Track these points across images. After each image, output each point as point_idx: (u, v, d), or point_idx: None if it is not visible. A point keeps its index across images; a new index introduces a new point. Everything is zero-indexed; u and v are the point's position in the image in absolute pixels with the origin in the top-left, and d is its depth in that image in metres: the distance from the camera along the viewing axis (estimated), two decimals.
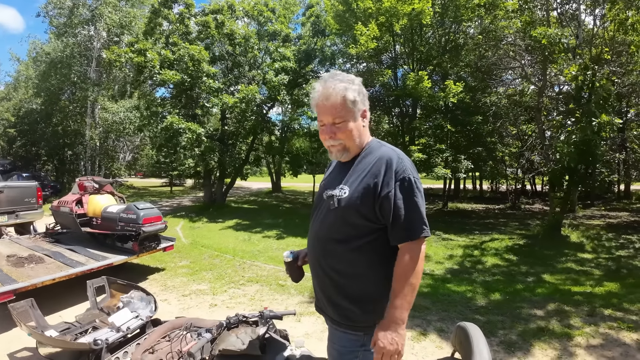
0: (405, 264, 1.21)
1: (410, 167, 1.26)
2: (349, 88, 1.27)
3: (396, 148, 1.33)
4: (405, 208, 1.21)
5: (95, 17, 19.18)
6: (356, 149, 1.35)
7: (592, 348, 3.22)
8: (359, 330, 1.31)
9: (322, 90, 1.30)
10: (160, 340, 1.92)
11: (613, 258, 6.96)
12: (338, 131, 1.30)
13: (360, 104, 1.31)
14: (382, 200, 1.22)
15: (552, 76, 9.82)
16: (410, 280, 1.20)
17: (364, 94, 1.33)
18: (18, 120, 22.84)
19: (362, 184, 1.25)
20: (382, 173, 1.23)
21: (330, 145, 1.35)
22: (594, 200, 17.01)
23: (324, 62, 15.21)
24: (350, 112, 1.29)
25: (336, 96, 1.27)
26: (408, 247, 1.22)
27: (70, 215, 5.30)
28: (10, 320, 2.85)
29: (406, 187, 1.22)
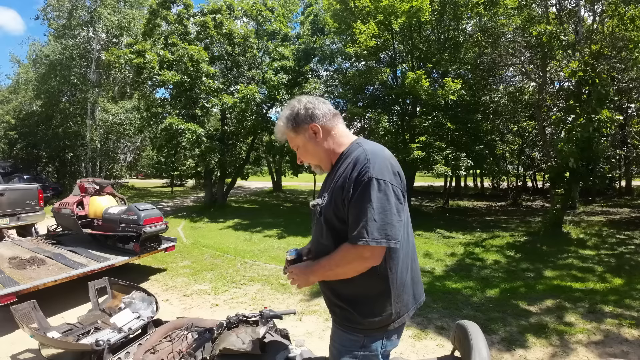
0: (337, 255, 1.22)
1: (375, 168, 1.18)
2: (287, 119, 1.37)
3: (374, 147, 1.28)
4: (355, 211, 1.17)
5: (94, 18, 19.19)
6: (327, 160, 1.38)
7: (593, 345, 3.22)
8: (359, 332, 1.30)
9: (275, 130, 1.46)
10: (161, 341, 1.93)
11: (614, 254, 6.95)
12: (301, 156, 1.43)
13: (302, 123, 1.35)
14: (345, 200, 1.21)
15: (552, 73, 9.79)
16: (332, 267, 1.25)
17: (306, 111, 1.35)
18: (18, 123, 22.86)
19: (335, 190, 1.26)
20: (348, 176, 1.21)
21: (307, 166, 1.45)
22: (595, 197, 16.99)
23: (323, 61, 15.21)
24: (296, 138, 1.38)
25: (282, 134, 1.40)
26: (346, 246, 1.19)
27: (72, 217, 5.31)
28: (12, 322, 2.86)
29: (361, 189, 1.17)
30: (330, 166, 1.38)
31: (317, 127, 1.34)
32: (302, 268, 1.36)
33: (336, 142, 1.36)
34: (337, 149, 1.35)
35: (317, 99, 1.39)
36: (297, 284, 1.38)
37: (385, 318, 1.29)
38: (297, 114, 1.35)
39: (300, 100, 1.37)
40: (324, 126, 1.35)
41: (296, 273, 1.37)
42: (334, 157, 1.36)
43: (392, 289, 1.28)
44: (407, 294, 1.35)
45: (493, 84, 12.88)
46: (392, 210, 1.16)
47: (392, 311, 1.29)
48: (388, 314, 1.29)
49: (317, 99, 1.40)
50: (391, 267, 1.26)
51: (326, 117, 1.35)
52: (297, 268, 1.38)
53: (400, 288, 1.31)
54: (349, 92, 13.58)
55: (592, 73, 7.39)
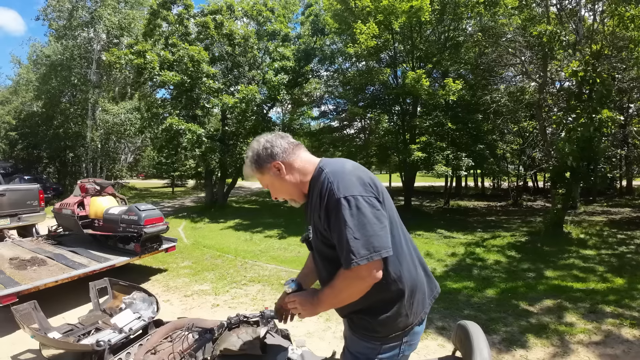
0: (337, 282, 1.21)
1: (340, 187, 1.16)
2: (249, 162, 1.39)
3: (335, 166, 1.27)
4: (337, 237, 1.16)
5: (95, 19, 19.20)
6: (297, 193, 1.38)
7: (594, 345, 3.22)
8: (377, 340, 1.30)
9: (243, 172, 1.47)
10: (162, 341, 1.92)
11: (615, 254, 6.94)
12: (272, 192, 1.43)
13: (264, 163, 1.35)
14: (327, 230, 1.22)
15: (553, 72, 9.78)
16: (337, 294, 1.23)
17: (265, 150, 1.34)
18: (19, 123, 22.89)
19: (315, 221, 1.28)
20: (319, 205, 1.22)
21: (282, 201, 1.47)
22: (596, 197, 16.97)
23: (323, 61, 15.22)
24: (262, 177, 1.38)
25: (250, 176, 1.42)
26: (342, 272, 1.18)
27: (72, 217, 5.32)
28: (13, 323, 2.87)
29: (333, 214, 1.16)
30: (304, 196, 1.38)
31: (278, 164, 1.33)
32: (306, 298, 1.32)
33: (302, 172, 1.34)
34: (304, 178, 1.34)
35: (275, 136, 1.37)
36: (301, 315, 1.35)
37: (402, 321, 1.28)
38: (258, 155, 1.35)
39: (259, 141, 1.37)
40: (285, 161, 1.33)
41: (299, 303, 1.33)
42: (304, 187, 1.35)
43: (406, 290, 1.28)
44: (421, 291, 1.35)
45: (493, 84, 12.87)
46: (372, 221, 1.14)
47: (407, 313, 1.29)
48: (405, 316, 1.29)
49: (276, 135, 1.38)
50: (397, 270, 1.25)
51: (286, 152, 1.34)
52: (299, 298, 1.34)
53: (413, 287, 1.31)
54: (350, 92, 13.59)
55: (592, 73, 7.38)
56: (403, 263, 1.28)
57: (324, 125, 18.43)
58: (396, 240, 1.26)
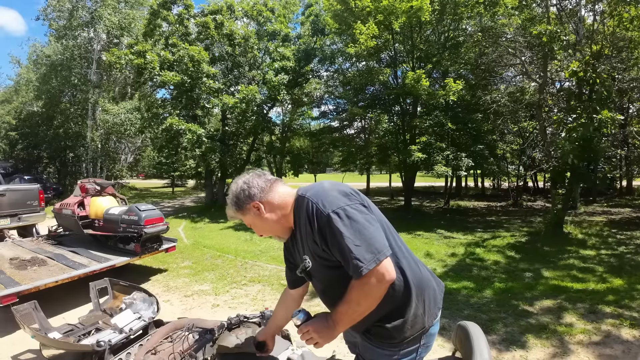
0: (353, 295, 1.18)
1: (327, 203, 1.19)
2: (232, 206, 1.38)
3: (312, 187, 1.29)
4: (339, 252, 1.16)
5: (95, 19, 19.20)
6: (280, 229, 1.38)
7: (594, 345, 3.22)
8: (394, 346, 1.30)
9: (227, 215, 1.45)
10: (162, 341, 1.93)
11: (615, 254, 6.94)
12: (257, 231, 1.42)
13: (243, 204, 1.35)
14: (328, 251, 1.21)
15: (553, 73, 9.79)
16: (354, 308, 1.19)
17: (243, 192, 1.35)
18: (19, 123, 22.89)
19: (311, 247, 1.27)
20: (310, 228, 1.22)
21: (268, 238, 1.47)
22: (596, 197, 16.96)
23: (323, 61, 15.23)
24: (245, 217, 1.38)
25: (231, 217, 1.41)
26: (356, 283, 1.17)
27: (73, 218, 5.32)
28: (13, 323, 2.87)
29: (330, 231, 1.16)
30: (290, 231, 1.38)
31: (257, 204, 1.33)
32: (321, 323, 1.27)
33: (281, 207, 1.35)
34: (285, 211, 1.34)
35: (252, 176, 1.38)
36: (318, 344, 1.28)
37: (419, 322, 1.29)
38: (237, 197, 1.35)
39: (237, 183, 1.38)
40: (264, 200, 1.34)
41: (315, 331, 1.26)
42: (287, 221, 1.35)
43: (413, 289, 1.28)
44: (430, 288, 1.35)
45: (494, 84, 12.87)
46: (365, 226, 1.16)
47: (422, 311, 1.30)
48: (420, 316, 1.29)
49: (253, 175, 1.38)
50: (400, 272, 1.26)
51: (264, 191, 1.34)
52: (313, 326, 1.27)
53: (420, 285, 1.31)
54: (350, 92, 13.59)
55: (592, 73, 7.38)
56: (403, 262, 1.28)
57: (324, 125, 18.44)
58: (391, 241, 1.27)
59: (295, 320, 1.33)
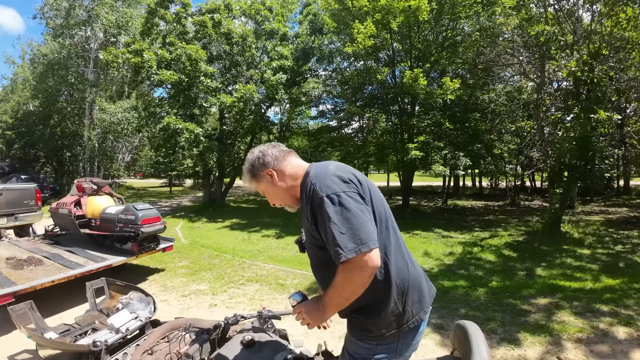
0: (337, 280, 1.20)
1: (322, 186, 1.21)
2: (246, 173, 1.47)
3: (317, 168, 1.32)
4: (325, 235, 1.20)
5: (92, 17, 19.11)
6: (290, 198, 1.44)
7: (590, 343, 3.23)
8: (372, 340, 1.31)
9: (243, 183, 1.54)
10: (159, 341, 1.92)
11: (612, 254, 6.97)
12: (269, 199, 1.49)
13: (258, 171, 1.43)
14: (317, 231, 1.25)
15: (551, 72, 9.80)
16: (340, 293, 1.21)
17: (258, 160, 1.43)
18: (16, 122, 22.77)
19: (305, 224, 1.34)
20: (306, 209, 1.28)
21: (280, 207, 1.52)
22: (594, 196, 17.05)
23: (321, 61, 15.20)
24: (259, 185, 1.46)
25: (247, 185, 1.49)
26: (339, 269, 1.18)
27: (69, 217, 5.30)
28: (9, 323, 2.85)
29: (320, 213, 1.19)
30: (297, 201, 1.43)
31: (271, 172, 1.41)
32: (312, 306, 1.33)
33: (293, 177, 1.41)
34: (295, 182, 1.41)
35: (267, 146, 1.47)
36: (310, 325, 1.34)
37: (395, 319, 1.29)
38: (253, 165, 1.44)
39: (253, 152, 1.47)
40: (277, 168, 1.41)
41: (306, 312, 1.33)
42: (296, 192, 1.41)
43: (394, 287, 1.27)
44: (417, 290, 1.35)
45: (491, 84, 12.89)
46: (356, 215, 1.16)
47: (400, 310, 1.29)
48: (398, 314, 1.28)
49: (268, 145, 1.47)
50: (384, 267, 1.26)
51: (277, 160, 1.42)
52: (305, 307, 1.34)
53: (403, 284, 1.30)
54: (348, 91, 13.58)
55: (590, 73, 7.40)
56: (391, 259, 1.28)
57: (322, 124, 18.42)
58: (383, 236, 1.27)
59: (292, 300, 1.38)
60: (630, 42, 8.04)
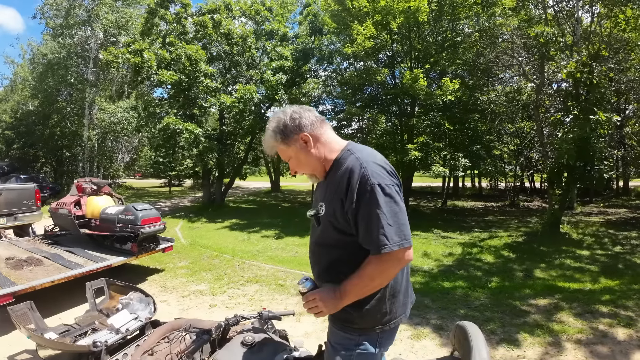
0: (369, 270, 1.20)
1: (374, 174, 1.19)
2: (273, 133, 1.34)
3: (365, 152, 1.30)
4: (366, 221, 1.17)
5: (92, 17, 19.10)
6: (319, 168, 1.37)
7: (589, 344, 3.24)
8: (355, 331, 1.31)
9: (263, 145, 1.42)
10: (159, 342, 1.92)
11: (611, 255, 6.98)
12: (293, 166, 1.40)
13: (291, 134, 1.32)
14: (347, 213, 1.21)
15: (550, 73, 9.82)
16: (367, 282, 1.21)
17: (294, 121, 1.32)
18: (16, 122, 22.74)
19: (333, 200, 1.26)
20: (345, 186, 1.21)
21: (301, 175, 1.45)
22: (593, 197, 17.07)
23: (321, 61, 15.19)
24: (286, 150, 1.36)
25: (271, 147, 1.37)
26: (374, 259, 1.19)
27: (69, 217, 5.29)
28: (9, 323, 2.84)
29: (367, 198, 1.16)
30: (324, 174, 1.37)
31: (306, 136, 1.32)
32: (328, 293, 1.27)
33: (327, 149, 1.35)
34: (329, 155, 1.34)
35: (302, 108, 1.36)
36: (322, 313, 1.29)
37: (380, 317, 1.30)
38: (285, 125, 1.32)
39: (285, 111, 1.35)
40: (313, 134, 1.33)
41: (321, 299, 1.27)
42: (327, 164, 1.35)
43: (388, 289, 1.29)
44: (403, 295, 1.36)
45: (491, 85, 12.91)
46: (402, 211, 1.19)
47: (387, 310, 1.30)
48: (383, 313, 1.30)
49: (302, 107, 1.37)
50: None
51: (314, 125, 1.33)
52: (320, 294, 1.27)
53: (395, 288, 1.32)
54: (348, 92, 13.58)
55: (589, 75, 7.42)
56: None
57: None
58: None
59: (301, 287, 1.31)
60: (630, 44, 8.07)
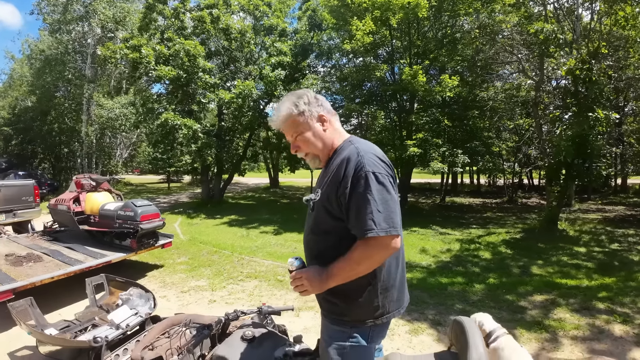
0: (355, 254, 1.22)
1: (370, 163, 1.22)
2: (293, 104, 1.37)
3: (364, 144, 1.33)
4: (357, 205, 1.20)
5: (89, 13, 18.97)
6: (325, 152, 1.41)
7: (585, 340, 3.26)
8: (347, 324, 1.32)
9: (275, 115, 1.42)
10: (159, 337, 1.93)
11: (608, 252, 7.02)
12: (300, 143, 1.41)
13: (312, 111, 1.38)
14: (340, 198, 1.24)
15: (550, 70, 9.83)
16: (353, 266, 1.23)
17: (317, 100, 1.40)
18: (14, 118, 22.65)
19: (328, 185, 1.30)
20: (342, 172, 1.25)
21: (302, 157, 1.45)
22: (591, 194, 17.12)
23: (320, 57, 15.16)
24: (301, 124, 1.38)
25: (284, 117, 1.39)
26: (360, 243, 1.21)
27: (68, 213, 5.30)
28: (10, 320, 2.86)
29: (360, 184, 1.20)
30: (326, 160, 1.41)
31: (325, 117, 1.39)
32: (314, 273, 1.30)
33: (336, 136, 1.41)
34: (335, 143, 1.40)
35: (320, 95, 1.44)
36: (307, 292, 1.31)
37: (372, 311, 1.30)
38: (309, 100, 1.38)
39: (308, 90, 1.42)
40: (330, 119, 1.41)
41: (307, 278, 1.30)
42: (330, 151, 1.40)
43: (379, 282, 1.30)
44: (397, 291, 1.37)
45: (490, 81, 12.90)
46: (394, 200, 1.22)
47: (379, 304, 1.31)
48: (375, 307, 1.30)
49: (316, 94, 1.45)
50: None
51: (331, 112, 1.42)
52: (307, 273, 1.30)
53: (388, 282, 1.32)
54: (347, 88, 13.55)
55: (588, 72, 7.42)
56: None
57: None
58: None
59: (290, 265, 1.35)
60: (629, 41, 8.07)
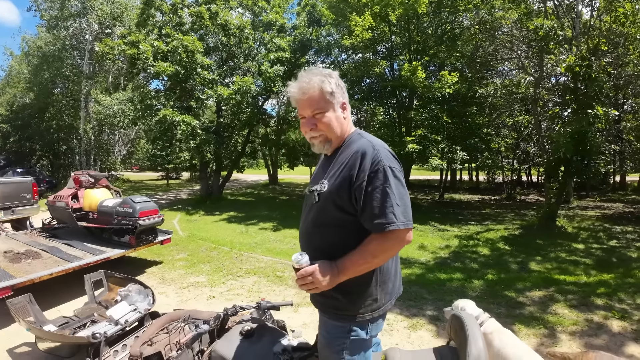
0: (371, 247, 1.22)
1: (386, 157, 1.24)
2: (325, 80, 1.32)
3: (375, 138, 1.34)
4: (374, 199, 1.20)
5: (87, 9, 18.85)
6: (337, 140, 1.39)
7: (584, 336, 3.28)
8: (345, 319, 1.33)
9: (298, 85, 1.34)
10: (158, 333, 1.93)
11: (606, 248, 7.04)
12: (318, 122, 1.35)
13: (338, 96, 1.36)
14: (355, 191, 1.23)
15: (549, 67, 9.81)
16: (368, 260, 1.23)
17: (341, 86, 1.39)
18: (12, 116, 22.54)
19: (339, 177, 1.28)
20: (357, 165, 1.24)
21: (311, 138, 1.39)
22: (589, 191, 17.15)
23: (319, 53, 15.09)
24: (328, 103, 1.34)
25: (313, 89, 1.31)
26: (377, 237, 1.21)
27: (67, 210, 5.28)
28: (8, 316, 2.85)
29: (378, 178, 1.20)
30: (335, 148, 1.41)
31: (346, 106, 1.41)
32: (325, 269, 1.24)
33: (347, 126, 1.42)
34: (346, 132, 1.40)
35: None
36: (317, 289, 1.25)
37: (371, 303, 1.32)
38: (338, 84, 1.36)
39: (332, 75, 1.36)
40: (348, 108, 1.43)
41: (320, 273, 1.23)
42: (341, 140, 1.40)
43: (379, 276, 1.32)
44: (392, 282, 1.39)
45: (489, 78, 12.87)
46: (407, 195, 1.26)
47: (377, 297, 1.33)
48: (373, 300, 1.32)
49: None
50: None
51: (348, 101, 1.44)
52: (317, 269, 1.23)
53: (386, 275, 1.35)
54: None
55: (587, 69, 7.41)
56: None
57: None
58: None
59: (295, 263, 1.25)
60: (629, 38, 8.05)
